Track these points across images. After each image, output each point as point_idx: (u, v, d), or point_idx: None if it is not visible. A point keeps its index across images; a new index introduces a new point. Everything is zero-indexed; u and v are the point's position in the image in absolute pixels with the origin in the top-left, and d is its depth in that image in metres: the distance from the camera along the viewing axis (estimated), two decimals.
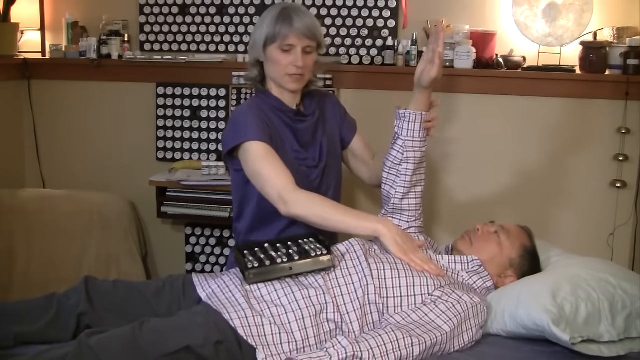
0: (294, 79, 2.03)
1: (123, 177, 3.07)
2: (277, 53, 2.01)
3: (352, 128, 2.27)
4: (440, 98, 2.08)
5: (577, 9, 2.61)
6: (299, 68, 2.00)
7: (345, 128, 2.25)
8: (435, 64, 1.93)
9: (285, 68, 2.01)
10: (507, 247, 1.95)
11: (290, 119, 2.09)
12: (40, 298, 1.79)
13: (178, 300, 1.81)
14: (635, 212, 2.66)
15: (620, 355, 1.72)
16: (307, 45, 2.01)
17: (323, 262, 1.78)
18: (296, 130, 2.10)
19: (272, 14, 2.02)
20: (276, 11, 2.02)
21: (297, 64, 2.00)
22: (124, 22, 3.00)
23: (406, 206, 2.05)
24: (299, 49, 2.00)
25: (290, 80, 2.04)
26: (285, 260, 1.77)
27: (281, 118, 2.09)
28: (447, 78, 2.62)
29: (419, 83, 1.99)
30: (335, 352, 1.52)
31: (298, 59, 2.00)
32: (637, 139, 2.64)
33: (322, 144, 2.14)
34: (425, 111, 2.01)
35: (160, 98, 2.98)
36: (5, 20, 2.96)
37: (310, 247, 1.83)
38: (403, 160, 2.02)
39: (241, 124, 2.02)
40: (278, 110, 2.09)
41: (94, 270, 2.77)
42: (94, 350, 1.52)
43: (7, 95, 3.04)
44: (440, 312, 1.70)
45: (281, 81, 2.05)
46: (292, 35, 1.98)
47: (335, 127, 2.22)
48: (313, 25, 2.01)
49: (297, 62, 2.00)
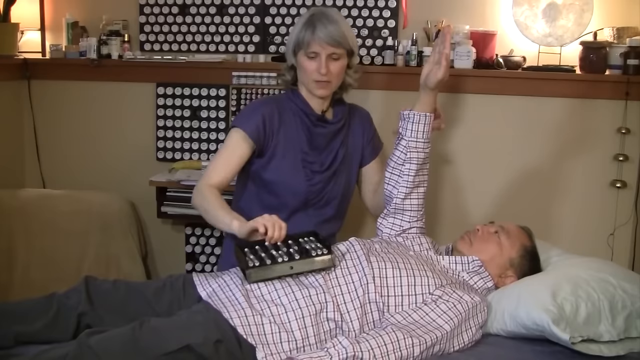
0: (320, 85, 2.06)
1: (123, 177, 3.07)
2: (304, 60, 2.05)
3: (375, 151, 2.27)
4: (440, 98, 2.09)
5: (577, 9, 2.61)
6: (324, 75, 2.03)
7: (369, 148, 2.24)
8: (442, 66, 1.95)
9: (311, 74, 2.04)
10: (507, 247, 1.96)
11: (310, 121, 2.12)
12: (40, 298, 1.79)
13: (178, 300, 1.81)
14: (635, 212, 2.66)
15: (620, 355, 1.72)
16: (333, 53, 2.02)
17: (324, 261, 1.78)
18: (312, 132, 2.12)
19: (302, 21, 2.06)
20: (305, 18, 2.06)
21: (320, 71, 2.02)
22: (124, 22, 3.00)
23: (408, 206, 2.06)
24: (324, 56, 2.02)
25: (316, 87, 2.06)
26: (286, 260, 1.77)
27: (301, 118, 2.11)
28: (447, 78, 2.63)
29: (425, 84, 2.00)
30: (336, 352, 1.53)
31: (322, 66, 2.02)
32: (637, 139, 2.64)
33: (337, 153, 2.15)
34: (430, 112, 2.02)
35: (160, 98, 2.98)
36: (5, 20, 2.96)
37: (311, 246, 1.83)
38: (406, 160, 2.02)
39: (246, 111, 2.14)
40: (300, 111, 2.11)
41: (94, 270, 2.77)
42: (94, 350, 1.52)
43: (7, 95, 3.04)
44: (441, 312, 1.70)
45: (309, 87, 2.08)
46: (314, 43, 2.01)
47: (359, 143, 2.22)
48: (338, 33, 2.01)
49: (321, 69, 2.02)
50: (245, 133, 2.05)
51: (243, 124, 2.06)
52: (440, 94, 2.06)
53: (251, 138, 2.05)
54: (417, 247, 1.99)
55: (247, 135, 2.04)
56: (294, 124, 2.11)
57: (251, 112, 2.10)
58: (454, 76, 2.65)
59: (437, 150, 2.74)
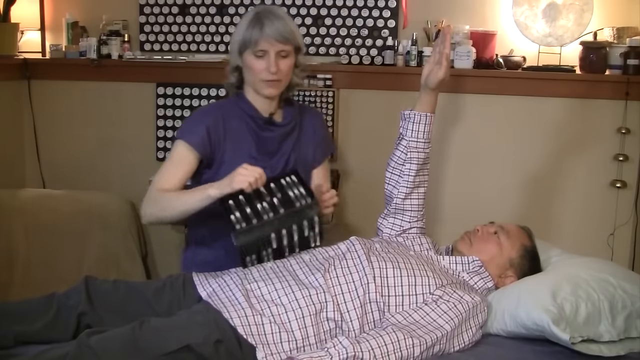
0: (269, 84, 1.98)
1: (123, 177, 3.07)
2: (251, 59, 1.96)
3: (324, 153, 2.17)
4: (440, 98, 2.09)
5: (577, 9, 2.61)
6: (273, 74, 1.96)
7: (319, 151, 2.15)
8: (442, 66, 1.95)
9: (260, 74, 1.97)
10: (506, 247, 1.95)
11: (257, 125, 2.04)
12: (40, 298, 1.79)
13: (178, 300, 1.81)
14: (635, 212, 2.66)
15: (620, 355, 1.72)
16: (281, 50, 1.96)
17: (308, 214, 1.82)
18: (260, 137, 2.05)
19: (246, 20, 1.98)
20: (250, 16, 1.98)
21: (270, 70, 1.94)
22: (124, 22, 3.00)
23: (408, 206, 2.06)
24: (272, 54, 1.94)
25: (265, 86, 1.99)
26: (271, 216, 1.80)
27: (247, 123, 2.04)
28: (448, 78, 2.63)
29: (425, 85, 1.99)
30: (336, 352, 1.53)
31: (271, 64, 1.94)
32: (637, 139, 2.64)
33: (289, 156, 2.08)
34: (430, 112, 2.02)
35: (160, 98, 2.98)
36: (5, 20, 2.96)
37: (294, 192, 1.85)
38: (407, 160, 2.02)
39: (189, 121, 2.07)
40: (247, 115, 2.04)
41: (94, 270, 2.77)
42: (93, 350, 1.52)
43: (7, 95, 3.04)
44: (442, 312, 1.70)
45: (257, 87, 2.01)
46: (263, 41, 1.93)
47: (310, 145, 2.13)
48: (285, 29, 1.95)
49: (271, 67, 1.94)
50: (191, 146, 1.97)
51: (187, 137, 1.98)
52: (440, 94, 2.07)
53: (197, 150, 1.98)
54: (418, 247, 1.99)
55: (192, 147, 1.97)
56: (240, 129, 2.04)
57: (195, 123, 2.02)
58: (454, 76, 2.65)
59: (438, 150, 2.74)
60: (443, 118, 2.69)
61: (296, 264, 1.81)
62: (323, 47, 2.88)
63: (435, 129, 2.08)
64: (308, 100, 2.82)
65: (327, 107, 2.81)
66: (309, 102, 2.82)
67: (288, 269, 1.80)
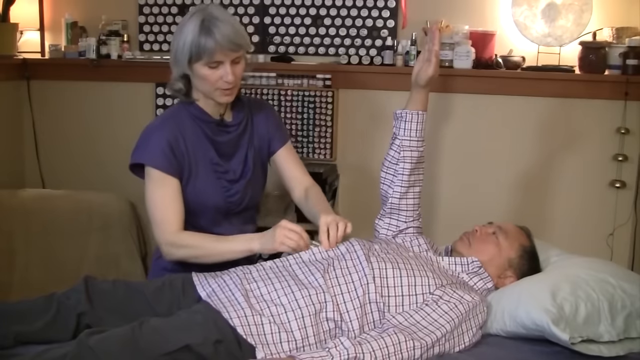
0: (225, 92, 1.94)
1: (123, 177, 3.04)
2: (205, 70, 1.89)
3: (282, 138, 2.12)
4: (440, 98, 2.09)
5: (576, 9, 2.61)
6: (230, 82, 1.91)
7: (276, 138, 2.11)
8: (431, 63, 1.95)
9: (215, 83, 1.91)
10: (505, 247, 1.95)
11: (211, 130, 2.01)
12: (40, 298, 1.79)
13: (178, 300, 1.81)
14: (635, 212, 2.67)
15: (620, 355, 1.72)
16: (235, 57, 1.91)
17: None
18: (216, 142, 2.01)
19: (192, 28, 1.86)
20: (196, 24, 1.86)
21: (227, 79, 1.90)
22: (123, 22, 3.00)
23: (404, 206, 2.06)
24: (228, 64, 1.88)
25: (222, 94, 1.94)
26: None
27: (202, 129, 2.00)
28: (446, 78, 2.63)
29: (416, 82, 2.00)
30: (337, 353, 1.53)
31: (228, 73, 1.88)
32: (636, 139, 2.64)
33: (247, 157, 2.05)
34: (422, 110, 2.02)
35: (160, 98, 2.98)
36: (5, 20, 2.96)
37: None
38: (400, 159, 2.02)
39: (147, 142, 1.96)
40: (199, 121, 2.00)
41: (94, 270, 2.77)
42: (93, 350, 1.52)
43: (6, 95, 3.04)
44: (442, 312, 1.70)
45: (212, 95, 1.95)
46: (218, 53, 1.85)
47: (264, 132, 2.10)
48: (236, 34, 1.88)
49: (228, 77, 1.88)
50: (161, 170, 1.92)
51: (154, 161, 1.92)
52: (439, 93, 2.07)
53: (168, 173, 1.92)
54: (416, 247, 1.99)
55: (163, 172, 1.92)
56: (197, 136, 1.99)
57: (154, 143, 1.94)
58: (453, 76, 2.66)
59: (436, 150, 2.74)
60: (443, 118, 2.69)
61: (296, 264, 1.82)
62: (322, 47, 2.89)
63: (435, 129, 2.09)
64: (308, 100, 2.82)
65: (327, 107, 2.81)
66: (309, 102, 2.83)
67: (287, 269, 1.80)
